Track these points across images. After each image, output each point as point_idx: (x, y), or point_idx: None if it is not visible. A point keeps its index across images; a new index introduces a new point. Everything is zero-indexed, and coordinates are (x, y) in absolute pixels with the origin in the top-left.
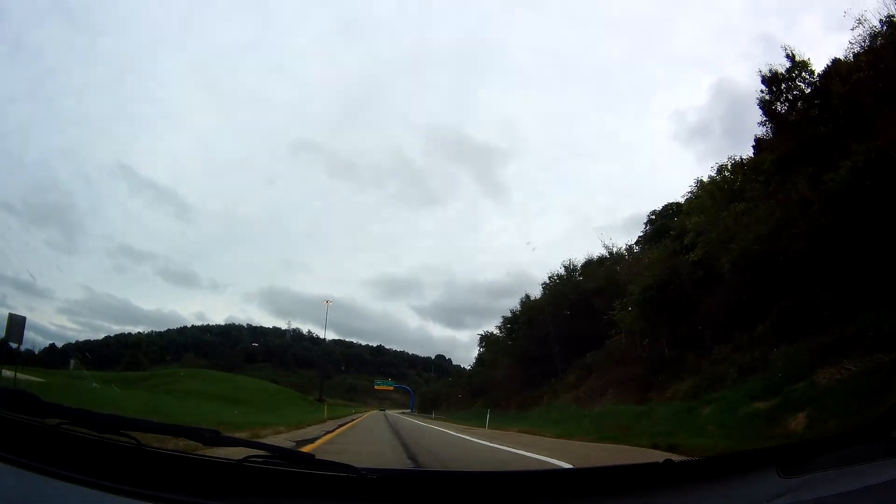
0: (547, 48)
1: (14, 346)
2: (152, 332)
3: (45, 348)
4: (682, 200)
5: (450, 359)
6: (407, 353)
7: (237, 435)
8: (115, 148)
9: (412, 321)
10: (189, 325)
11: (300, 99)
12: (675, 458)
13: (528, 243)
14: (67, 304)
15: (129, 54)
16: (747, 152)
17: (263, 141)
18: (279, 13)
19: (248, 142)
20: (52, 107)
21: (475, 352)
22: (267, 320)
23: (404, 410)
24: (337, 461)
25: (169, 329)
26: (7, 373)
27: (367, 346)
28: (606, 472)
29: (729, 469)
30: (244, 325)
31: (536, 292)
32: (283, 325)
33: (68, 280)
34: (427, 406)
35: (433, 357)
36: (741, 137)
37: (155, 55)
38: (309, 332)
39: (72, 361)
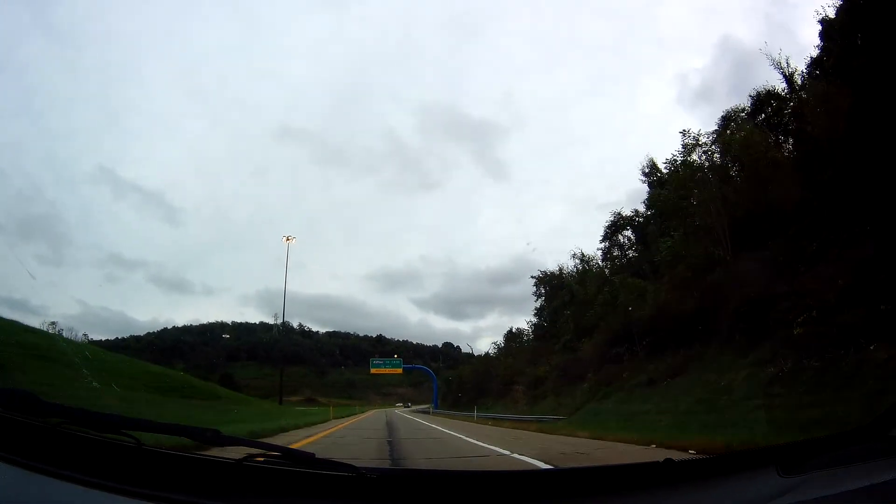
0: (539, 28)
1: None
2: (129, 336)
3: None
4: None
5: (458, 346)
6: (411, 342)
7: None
8: (99, 156)
9: (413, 315)
10: (170, 327)
11: (285, 87)
12: (676, 457)
13: (528, 244)
14: (63, 319)
15: (113, 64)
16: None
17: (250, 135)
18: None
19: (234, 136)
20: (36, 118)
21: (483, 340)
22: (258, 319)
23: (422, 407)
24: (337, 460)
25: (148, 332)
26: None
27: (366, 336)
28: (607, 471)
29: (729, 469)
30: (228, 322)
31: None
32: (270, 320)
33: (62, 295)
34: (467, 399)
35: (440, 345)
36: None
37: (139, 63)
38: (300, 325)
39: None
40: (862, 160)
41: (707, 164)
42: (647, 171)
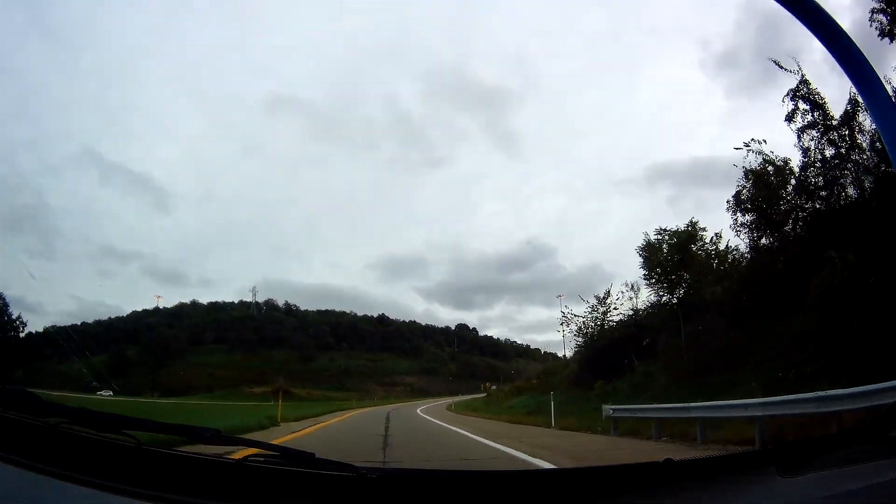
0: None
1: None
2: (94, 321)
3: None
4: None
5: (475, 328)
6: (418, 324)
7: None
8: (87, 140)
9: (418, 305)
10: (139, 310)
11: (280, 56)
12: (675, 457)
13: (528, 243)
14: (60, 317)
15: (111, 64)
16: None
17: (243, 114)
18: None
19: (227, 115)
20: (19, 105)
21: (492, 330)
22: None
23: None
24: (337, 460)
25: (111, 317)
26: None
27: (366, 315)
28: (607, 471)
29: (728, 469)
30: (204, 303)
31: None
32: (248, 298)
33: (57, 291)
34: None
35: (453, 327)
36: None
37: (128, 48)
38: (286, 303)
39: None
40: None
41: None
42: None
